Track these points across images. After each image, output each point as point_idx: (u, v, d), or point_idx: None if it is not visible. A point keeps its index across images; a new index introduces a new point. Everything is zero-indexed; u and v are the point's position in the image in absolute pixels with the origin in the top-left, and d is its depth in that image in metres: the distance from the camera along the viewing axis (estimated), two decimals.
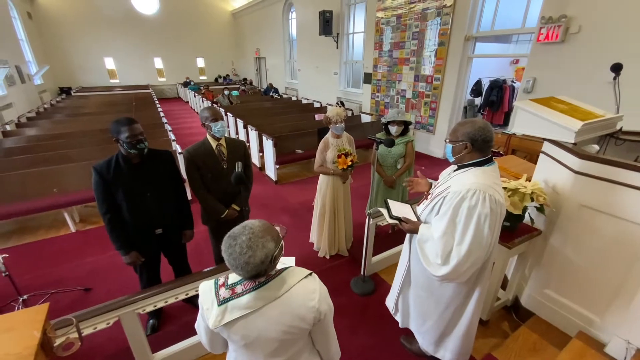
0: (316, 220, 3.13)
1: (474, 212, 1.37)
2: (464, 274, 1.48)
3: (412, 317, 1.94)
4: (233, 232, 0.94)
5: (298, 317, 0.99)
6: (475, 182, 1.40)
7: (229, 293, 0.98)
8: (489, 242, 1.41)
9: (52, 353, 1.09)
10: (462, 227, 1.41)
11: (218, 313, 0.97)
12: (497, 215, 1.40)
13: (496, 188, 1.42)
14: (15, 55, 9.54)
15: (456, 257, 1.43)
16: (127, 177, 1.90)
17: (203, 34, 16.49)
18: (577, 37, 3.91)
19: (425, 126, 6.59)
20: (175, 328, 2.35)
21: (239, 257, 0.90)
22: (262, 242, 0.91)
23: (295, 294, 1.00)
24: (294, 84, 12.42)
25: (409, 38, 6.45)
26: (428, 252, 1.56)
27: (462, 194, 1.39)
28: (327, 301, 1.06)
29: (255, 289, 0.97)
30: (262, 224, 0.97)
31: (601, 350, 1.84)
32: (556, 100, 2.17)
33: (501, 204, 1.41)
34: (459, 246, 1.43)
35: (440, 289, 1.70)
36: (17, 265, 3.07)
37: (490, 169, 1.46)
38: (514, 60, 7.57)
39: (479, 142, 1.42)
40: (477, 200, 1.37)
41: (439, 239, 1.48)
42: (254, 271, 0.92)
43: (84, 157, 4.35)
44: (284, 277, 1.01)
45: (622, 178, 1.68)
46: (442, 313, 1.75)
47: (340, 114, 2.71)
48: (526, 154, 4.16)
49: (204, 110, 2.19)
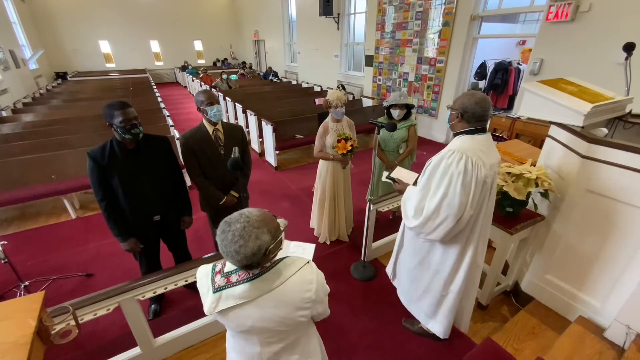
0: (316, 206, 3.11)
1: (448, 170, 1.47)
2: (436, 230, 1.56)
3: (405, 285, 2.01)
4: (229, 218, 0.91)
5: (294, 308, 0.98)
6: (458, 146, 1.49)
7: (224, 281, 0.96)
8: (463, 202, 1.47)
9: (49, 341, 1.08)
10: (436, 183, 1.52)
11: (213, 300, 0.95)
12: (472, 177, 1.45)
13: (479, 153, 1.47)
14: (9, 39, 9.30)
15: (426, 210, 1.55)
16: (122, 163, 1.86)
17: (200, 16, 16.01)
18: (588, 16, 3.75)
19: (427, 110, 6.47)
20: (177, 313, 2.37)
21: (230, 245, 0.86)
22: (257, 233, 0.87)
23: (291, 285, 0.98)
24: (293, 67, 12.15)
25: (412, 18, 6.23)
26: (407, 209, 1.69)
27: (442, 154, 1.51)
28: (324, 289, 1.05)
29: (249, 280, 0.94)
30: (261, 213, 0.93)
31: (600, 334, 1.85)
32: (565, 82, 2.09)
33: (479, 167, 1.46)
34: (431, 199, 1.54)
35: (428, 255, 1.78)
36: (18, 252, 3.09)
37: (480, 137, 1.52)
38: (521, 41, 7.32)
39: (468, 114, 1.49)
40: (452, 159, 1.46)
41: (416, 193, 1.63)
42: (244, 261, 0.88)
43: (82, 143, 4.29)
44: (280, 269, 0.98)
45: (631, 163, 1.63)
46: (432, 280, 1.81)
47: (340, 97, 2.63)
48: (531, 138, 4.08)
49: (199, 94, 2.12)
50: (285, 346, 1.06)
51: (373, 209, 2.55)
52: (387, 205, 2.70)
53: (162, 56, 15.96)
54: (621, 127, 2.22)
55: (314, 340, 1.19)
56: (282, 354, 1.08)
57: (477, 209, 1.56)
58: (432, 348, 2.06)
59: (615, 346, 1.78)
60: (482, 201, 1.56)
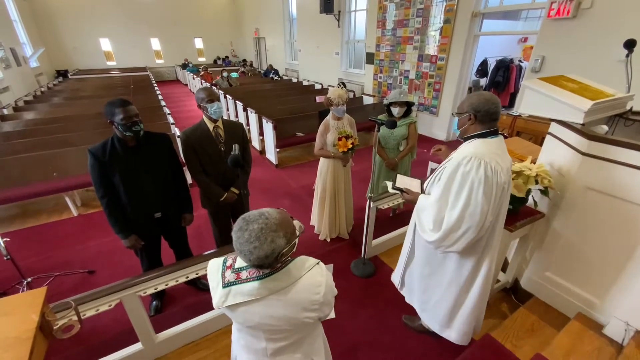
0: (317, 203, 3.11)
1: (467, 178, 1.38)
2: (457, 243, 1.47)
3: (417, 294, 1.95)
4: (248, 216, 0.90)
5: (301, 309, 0.98)
6: (473, 151, 1.40)
7: (234, 277, 0.97)
8: (484, 211, 1.39)
9: (51, 335, 1.09)
10: (455, 193, 1.42)
11: (222, 294, 0.97)
12: (493, 184, 1.38)
13: (496, 158, 1.39)
14: (9, 37, 9.31)
15: (447, 222, 1.45)
16: (123, 160, 1.87)
17: (201, 13, 15.96)
18: (589, 13, 3.73)
19: (428, 108, 6.45)
20: (178, 309, 2.39)
21: (245, 244, 0.86)
22: (273, 237, 0.87)
23: (300, 287, 0.98)
24: (294, 65, 12.12)
25: (413, 15, 6.20)
26: (424, 220, 1.58)
27: (458, 161, 1.42)
28: (332, 291, 1.04)
29: (259, 279, 0.95)
30: (280, 216, 0.92)
31: (599, 331, 1.85)
32: (566, 79, 2.08)
33: (498, 173, 1.38)
34: (451, 211, 1.44)
35: (442, 264, 1.71)
36: (20, 248, 3.11)
37: (493, 140, 1.45)
38: (523, 39, 7.29)
39: (482, 114, 1.41)
40: (471, 167, 1.37)
41: (433, 204, 1.51)
42: (257, 262, 0.89)
43: (83, 141, 4.31)
44: (290, 270, 0.98)
45: (631, 160, 1.63)
46: (446, 290, 1.75)
47: (342, 95, 2.63)
48: (531, 136, 4.08)
49: (199, 91, 2.13)
50: (290, 344, 1.07)
51: (373, 207, 2.56)
52: (387, 203, 2.70)
53: (162, 54, 15.93)
54: (622, 125, 2.21)
55: (319, 340, 1.19)
56: (286, 350, 1.09)
57: (495, 216, 1.47)
58: (431, 344, 2.07)
59: (614, 343, 1.78)
60: (499, 207, 1.48)
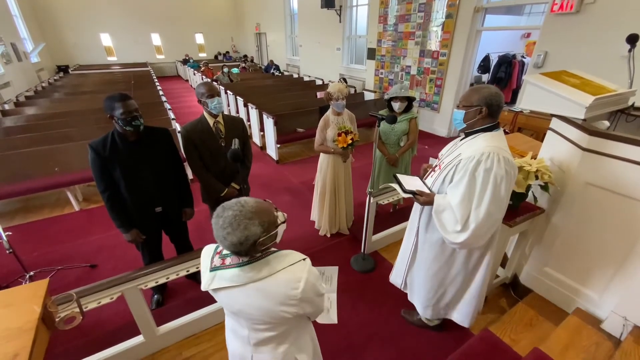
0: (317, 199, 3.12)
1: (490, 174, 1.39)
2: (483, 238, 1.51)
3: (422, 293, 1.96)
4: (226, 204, 0.93)
5: (277, 303, 0.96)
6: (487, 146, 1.41)
7: (220, 262, 1.00)
8: (506, 203, 1.45)
9: (54, 327, 1.11)
10: (480, 190, 1.42)
11: (209, 277, 1.00)
12: (512, 177, 1.43)
13: (508, 150, 1.44)
14: (10, 33, 9.29)
15: (475, 221, 1.44)
16: (123, 154, 1.87)
17: (202, 9, 15.88)
18: (593, 8, 3.70)
19: (429, 104, 6.42)
20: (179, 303, 2.41)
21: (219, 230, 0.89)
22: (246, 224, 0.87)
23: (278, 279, 0.96)
24: (295, 60, 12.07)
25: (415, 10, 6.15)
26: (445, 221, 1.53)
27: (476, 158, 1.41)
28: (314, 289, 1.00)
29: (238, 266, 0.96)
30: (257, 204, 0.92)
31: (597, 326, 1.86)
32: (568, 74, 2.07)
33: (514, 166, 1.43)
34: (477, 209, 1.44)
35: (450, 260, 1.75)
36: (23, 243, 3.14)
37: (497, 133, 1.48)
38: (526, 34, 7.24)
39: (494, 107, 1.43)
40: (492, 162, 1.38)
41: (457, 205, 1.47)
42: (232, 248, 0.90)
43: (84, 136, 4.31)
44: (269, 260, 0.98)
45: (632, 155, 1.62)
46: (453, 280, 1.81)
47: (342, 90, 2.62)
48: (533, 132, 4.07)
49: (199, 86, 2.12)
50: (273, 336, 1.06)
51: (373, 202, 2.56)
52: (387, 199, 2.71)
53: (163, 49, 15.88)
54: (623, 120, 2.20)
55: (306, 337, 1.17)
56: (269, 342, 1.08)
57: None
58: (430, 338, 2.09)
59: (612, 337, 1.79)
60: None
